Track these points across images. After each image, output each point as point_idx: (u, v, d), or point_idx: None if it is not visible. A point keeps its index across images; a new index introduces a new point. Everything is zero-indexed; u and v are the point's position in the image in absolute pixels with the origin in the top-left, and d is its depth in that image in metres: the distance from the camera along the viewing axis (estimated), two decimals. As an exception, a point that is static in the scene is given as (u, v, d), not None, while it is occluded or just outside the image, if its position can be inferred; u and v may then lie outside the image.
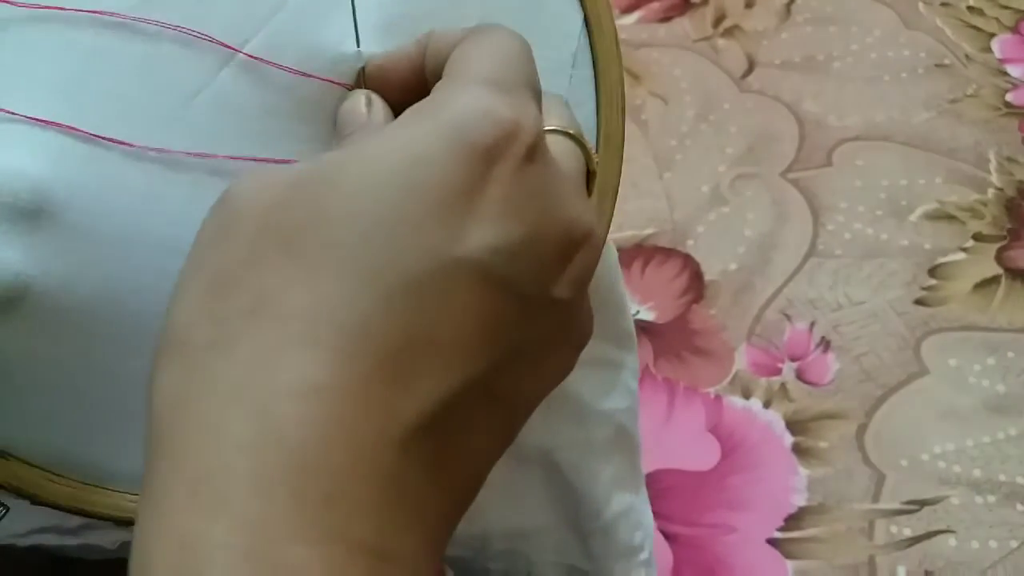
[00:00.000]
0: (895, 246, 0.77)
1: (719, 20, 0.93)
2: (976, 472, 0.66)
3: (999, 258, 0.77)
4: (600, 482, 0.45)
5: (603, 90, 0.40)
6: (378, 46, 0.36)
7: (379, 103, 0.35)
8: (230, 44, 0.35)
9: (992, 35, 0.91)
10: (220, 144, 0.35)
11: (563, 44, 0.39)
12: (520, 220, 0.29)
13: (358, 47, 0.36)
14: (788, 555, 0.63)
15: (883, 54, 0.90)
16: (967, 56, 0.90)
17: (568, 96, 0.37)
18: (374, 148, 0.29)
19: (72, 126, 0.33)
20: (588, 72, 0.40)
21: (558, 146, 0.32)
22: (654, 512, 0.49)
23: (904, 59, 0.90)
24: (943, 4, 0.93)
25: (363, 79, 0.36)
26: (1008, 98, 0.86)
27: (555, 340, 0.31)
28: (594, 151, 0.35)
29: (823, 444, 0.68)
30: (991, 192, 0.80)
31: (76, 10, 0.34)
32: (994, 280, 0.76)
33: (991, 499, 0.65)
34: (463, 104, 0.29)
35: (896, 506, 0.65)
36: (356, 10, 0.36)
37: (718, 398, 0.70)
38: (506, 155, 0.29)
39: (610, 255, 0.43)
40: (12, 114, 0.33)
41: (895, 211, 0.79)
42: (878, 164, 0.82)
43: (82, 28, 0.34)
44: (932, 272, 0.76)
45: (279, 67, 0.35)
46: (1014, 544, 0.63)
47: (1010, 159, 0.82)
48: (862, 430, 0.68)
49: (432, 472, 0.28)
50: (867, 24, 0.92)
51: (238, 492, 0.26)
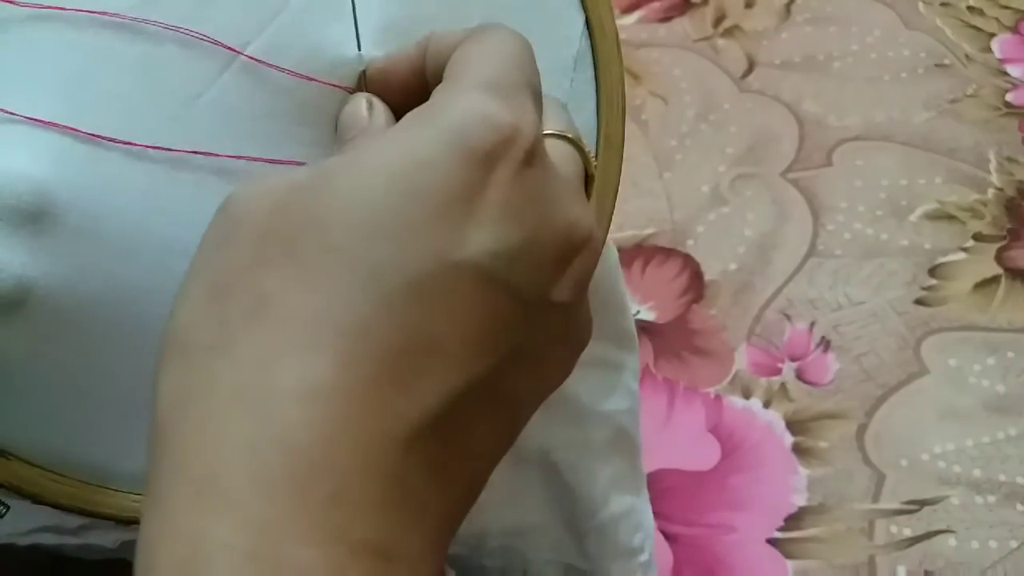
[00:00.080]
0: (895, 246, 0.77)
1: (719, 20, 0.93)
2: (976, 472, 0.66)
3: (999, 258, 0.77)
4: (598, 482, 0.45)
5: (604, 92, 0.40)
6: (379, 49, 0.36)
7: (380, 107, 0.35)
8: (231, 46, 0.35)
9: (992, 35, 0.91)
10: (221, 146, 0.35)
11: (564, 46, 0.39)
12: (519, 224, 0.29)
13: (359, 50, 0.36)
14: (788, 555, 0.63)
15: (883, 54, 0.90)
16: (967, 56, 0.90)
17: (569, 98, 0.37)
18: (375, 153, 0.29)
19: (73, 127, 0.33)
20: (589, 74, 0.40)
21: (557, 150, 0.33)
22: (654, 512, 0.49)
23: (904, 59, 0.90)
24: (943, 4, 0.93)
25: (364, 82, 0.36)
26: (1008, 98, 0.86)
27: (555, 342, 0.31)
28: (593, 154, 0.35)
29: (823, 444, 0.68)
30: (991, 192, 0.80)
31: (77, 10, 0.34)
32: (994, 280, 0.75)
33: (991, 499, 0.65)
34: (462, 109, 0.29)
35: (896, 506, 0.65)
36: (357, 13, 0.36)
37: (718, 398, 0.70)
38: (505, 159, 0.29)
39: (611, 256, 0.43)
40: (13, 115, 0.33)
41: (895, 211, 0.79)
42: (878, 164, 0.82)
43: (83, 28, 0.34)
44: (932, 272, 0.76)
45: (280, 69, 0.35)
46: (1014, 544, 0.63)
47: (1010, 159, 0.82)
48: (862, 430, 0.68)
49: (435, 473, 0.28)
50: (867, 24, 0.92)
51: (242, 492, 0.26)
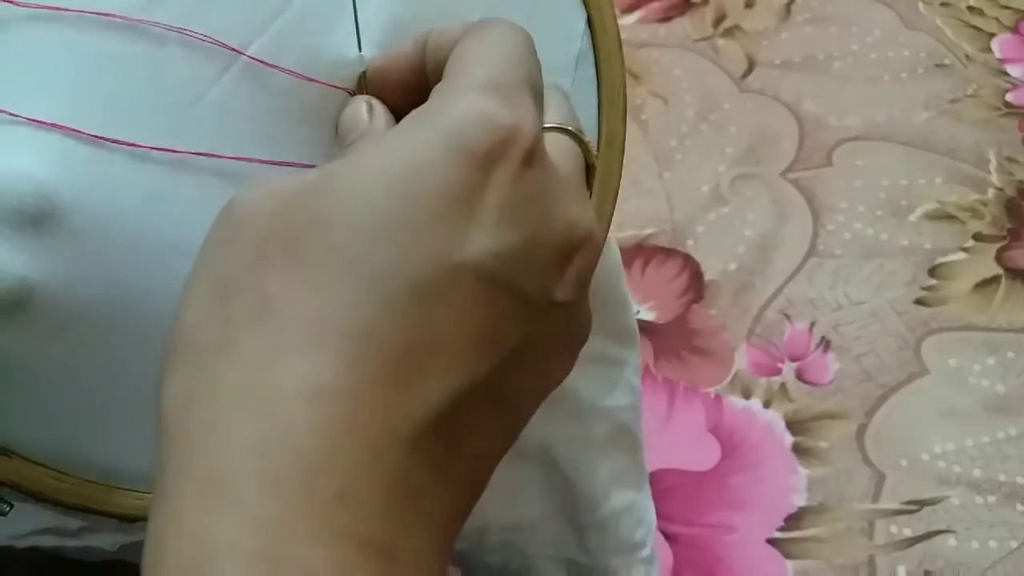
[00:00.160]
0: (895, 246, 0.77)
1: (719, 20, 0.93)
2: (976, 472, 0.66)
3: (999, 258, 0.77)
4: (599, 477, 0.45)
5: (605, 92, 0.40)
6: (380, 49, 0.36)
7: (380, 109, 0.35)
8: (233, 47, 0.35)
9: (992, 35, 0.91)
10: (223, 146, 0.35)
11: (566, 45, 0.39)
12: (520, 224, 0.29)
13: (360, 51, 0.36)
14: (788, 555, 0.63)
15: (883, 54, 0.90)
16: (967, 56, 0.90)
17: (570, 98, 0.37)
18: (376, 155, 0.29)
19: (76, 128, 0.33)
20: (591, 73, 0.40)
21: (557, 144, 0.33)
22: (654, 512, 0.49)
23: (904, 59, 0.90)
24: (943, 4, 0.93)
25: (364, 84, 0.36)
26: (1008, 98, 0.86)
27: (556, 341, 0.31)
28: (594, 147, 0.35)
29: (823, 444, 0.68)
30: (991, 192, 0.80)
31: (79, 11, 0.34)
32: (994, 280, 0.75)
33: (991, 499, 0.65)
34: (461, 110, 0.29)
35: (896, 506, 0.65)
36: (358, 13, 0.36)
37: (718, 398, 0.70)
38: (505, 160, 0.29)
39: (611, 254, 0.43)
40: (15, 116, 0.33)
41: (895, 211, 0.79)
42: (878, 164, 0.82)
43: (85, 29, 0.34)
44: (932, 272, 0.76)
45: (282, 70, 0.35)
46: (1014, 544, 0.63)
47: (1010, 159, 0.82)
48: (862, 430, 0.68)
49: (439, 472, 0.28)
50: (867, 24, 0.92)
51: (248, 492, 0.26)
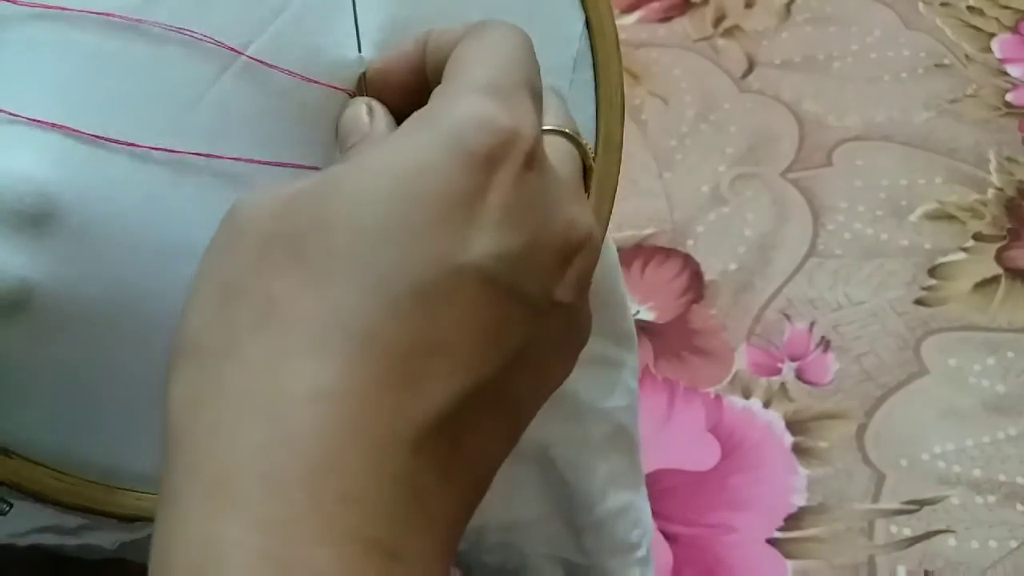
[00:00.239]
0: (895, 246, 0.77)
1: (719, 20, 0.93)
2: (976, 472, 0.66)
3: (999, 258, 0.77)
4: (595, 478, 0.45)
5: (603, 93, 0.40)
6: (380, 50, 0.36)
7: (380, 111, 0.35)
8: (232, 46, 0.35)
9: (992, 35, 0.91)
10: (222, 146, 0.35)
11: (564, 47, 0.39)
12: (521, 227, 0.29)
13: (359, 52, 0.36)
14: (788, 555, 0.63)
15: (883, 54, 0.90)
16: (967, 56, 0.90)
17: (568, 99, 0.37)
18: (377, 158, 0.29)
19: (77, 128, 0.33)
20: (589, 75, 0.40)
21: (555, 146, 0.33)
22: (654, 512, 0.49)
23: (904, 59, 0.90)
24: (943, 4, 0.93)
25: (364, 85, 0.36)
26: (1008, 98, 0.86)
27: (557, 342, 0.31)
28: (591, 148, 0.35)
29: (823, 444, 0.68)
30: (991, 192, 0.80)
31: (79, 10, 0.34)
32: (994, 280, 0.75)
33: (991, 499, 0.65)
34: (461, 112, 0.29)
35: (896, 506, 0.65)
36: (357, 13, 0.36)
37: (718, 398, 0.70)
38: (505, 163, 0.29)
39: (610, 255, 0.43)
40: (15, 116, 0.33)
41: (895, 211, 0.79)
42: (878, 164, 0.82)
43: (85, 29, 0.34)
44: (932, 272, 0.76)
45: (282, 70, 0.35)
46: (1014, 544, 0.63)
47: (1010, 159, 0.82)
48: (862, 430, 0.68)
49: (443, 473, 0.28)
50: (867, 24, 0.92)
51: (254, 493, 0.26)
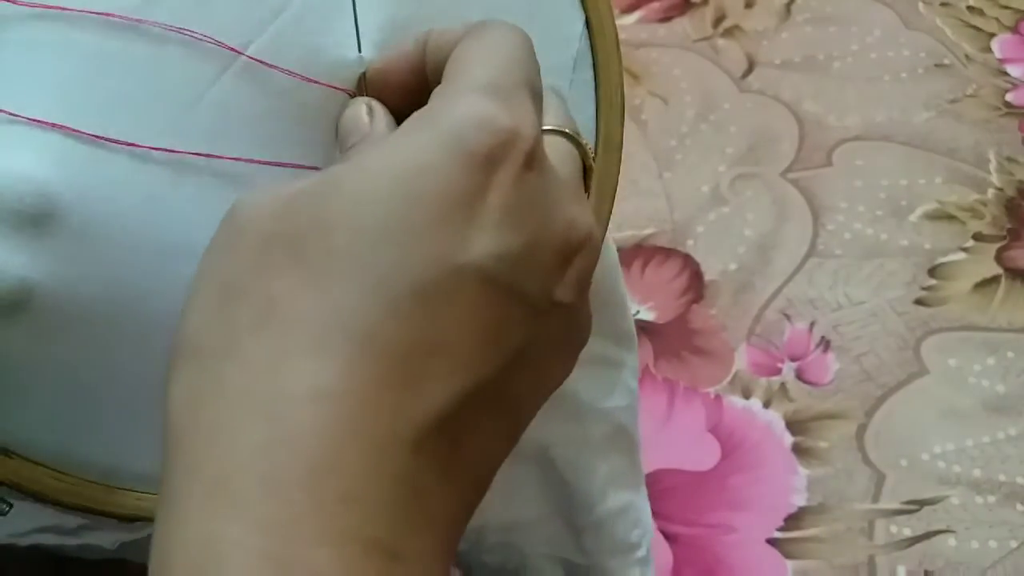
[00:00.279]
0: (895, 246, 0.77)
1: (719, 20, 0.93)
2: (976, 472, 0.66)
3: (999, 258, 0.77)
4: (595, 478, 0.45)
5: (603, 94, 0.40)
6: (378, 50, 0.36)
7: (380, 111, 0.35)
8: (232, 46, 0.35)
9: (992, 35, 0.91)
10: (222, 147, 0.35)
11: (564, 47, 0.39)
12: (521, 227, 0.29)
13: (359, 52, 0.36)
14: (788, 555, 0.63)
15: (883, 54, 0.90)
16: (967, 56, 0.90)
17: (568, 99, 0.37)
18: (377, 158, 0.29)
19: (77, 128, 0.33)
20: (589, 75, 0.40)
21: (555, 146, 0.33)
22: (654, 512, 0.49)
23: (904, 59, 0.90)
24: (943, 4, 0.93)
25: (364, 85, 0.36)
26: (1008, 98, 0.86)
27: (558, 341, 0.31)
28: (591, 148, 0.35)
29: (823, 444, 0.68)
30: (991, 192, 0.80)
31: (79, 10, 0.34)
32: (994, 280, 0.76)
33: (991, 499, 0.65)
34: (461, 112, 0.29)
35: (896, 506, 0.65)
36: (358, 13, 0.36)
37: (718, 398, 0.70)
38: (505, 163, 0.29)
39: (610, 255, 0.43)
40: (15, 116, 0.33)
41: (895, 211, 0.79)
42: (878, 164, 0.82)
43: (85, 29, 0.34)
44: (932, 272, 0.76)
45: (282, 70, 0.35)
46: (1014, 544, 0.63)
47: (1010, 159, 0.82)
48: (862, 430, 0.68)
49: (443, 473, 0.28)
50: (867, 24, 0.92)
51: (254, 493, 0.26)
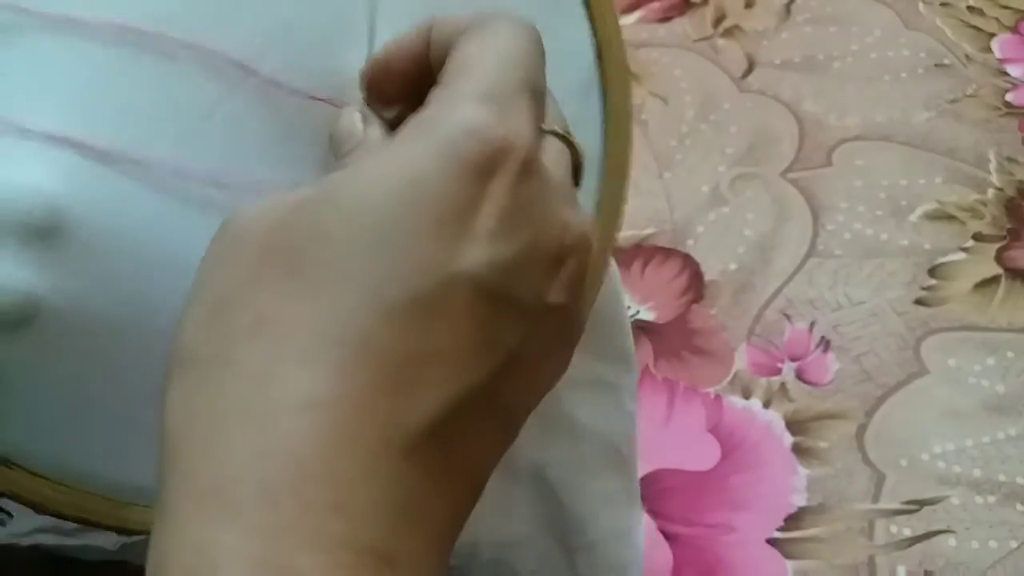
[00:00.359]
0: (895, 246, 0.77)
1: (719, 20, 0.93)
2: (976, 472, 0.66)
3: (999, 258, 0.77)
4: (589, 500, 0.45)
5: (611, 116, 0.40)
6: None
7: (374, 119, 0.35)
8: (245, 64, 0.35)
9: (992, 35, 0.91)
10: (233, 163, 0.35)
11: (573, 68, 0.39)
12: (514, 235, 0.29)
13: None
14: (788, 555, 0.64)
15: (883, 54, 0.90)
16: (967, 56, 0.90)
17: (575, 121, 0.37)
18: (371, 167, 0.29)
19: (88, 142, 0.33)
20: (596, 97, 0.40)
21: (547, 147, 0.33)
22: (654, 512, 0.50)
23: (904, 59, 0.90)
24: (943, 4, 0.93)
25: (368, 73, 0.36)
26: (1008, 98, 0.86)
27: (551, 343, 0.31)
28: (580, 145, 0.34)
29: (823, 444, 0.68)
30: (991, 192, 0.80)
31: (93, 22, 0.34)
32: (994, 280, 0.76)
33: (991, 499, 0.65)
34: (456, 122, 0.29)
35: (896, 506, 0.65)
36: (372, 33, 0.36)
37: (718, 398, 0.70)
38: (500, 173, 0.29)
39: (613, 278, 0.43)
40: (26, 129, 0.33)
41: (895, 211, 0.79)
42: (878, 164, 0.82)
43: (97, 41, 0.34)
44: (932, 272, 0.76)
45: (292, 89, 0.35)
46: (1014, 544, 0.63)
47: (1010, 159, 0.82)
48: (862, 430, 0.68)
49: (436, 479, 0.28)
50: (867, 24, 0.92)
51: (248, 501, 0.26)
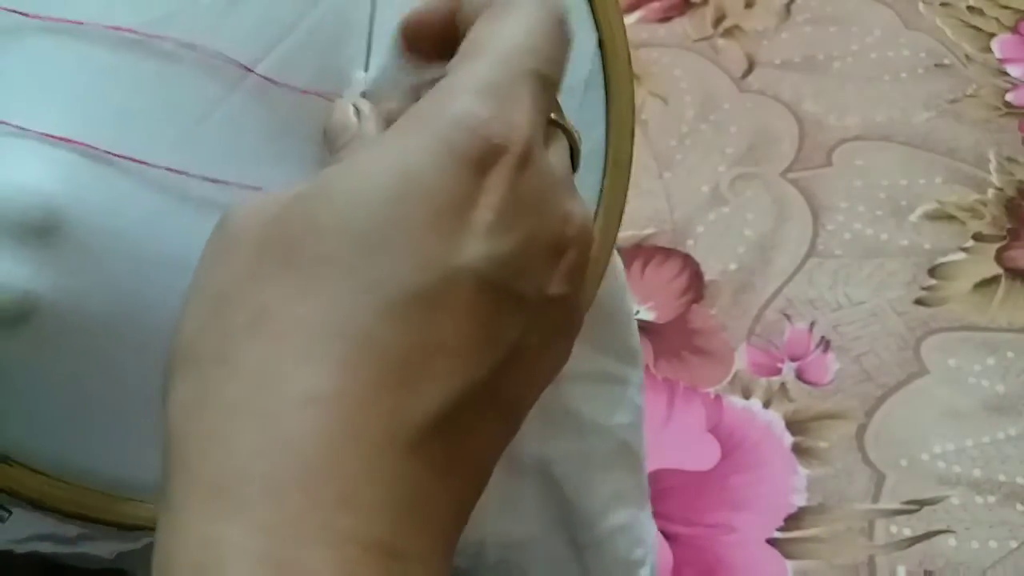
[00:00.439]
0: (895, 246, 0.77)
1: (719, 20, 0.93)
2: (976, 472, 0.66)
3: (999, 258, 0.77)
4: (597, 496, 0.45)
5: (614, 113, 0.40)
6: (389, 70, 0.36)
7: (368, 112, 0.35)
8: (243, 64, 0.35)
9: (992, 35, 0.91)
10: (232, 163, 0.35)
11: (576, 64, 0.39)
12: (514, 228, 0.29)
13: (365, 71, 0.36)
14: (788, 555, 0.64)
15: (883, 54, 0.90)
16: (967, 56, 0.90)
17: (578, 117, 0.37)
18: (368, 161, 0.29)
19: (86, 142, 0.33)
20: (600, 94, 0.40)
21: (551, 136, 0.32)
22: (654, 512, 0.49)
23: (904, 59, 0.90)
24: (943, 4, 0.93)
25: (403, 29, 0.36)
26: (1008, 98, 0.86)
27: (552, 334, 0.31)
28: (575, 130, 0.34)
29: (823, 444, 0.68)
30: (991, 192, 0.80)
31: (91, 24, 0.34)
32: (994, 280, 0.76)
33: (991, 499, 0.65)
34: (453, 116, 0.29)
35: (896, 506, 0.65)
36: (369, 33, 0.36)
37: (718, 398, 0.70)
38: (498, 167, 0.29)
39: (617, 274, 0.43)
40: (24, 130, 0.33)
41: (895, 211, 0.79)
42: (878, 164, 0.82)
43: (95, 43, 0.34)
44: (932, 272, 0.76)
45: (291, 87, 0.35)
46: (1014, 544, 0.63)
47: (1010, 159, 0.82)
48: (862, 430, 0.68)
49: (440, 473, 0.28)
50: (867, 24, 0.92)
51: (252, 497, 0.26)
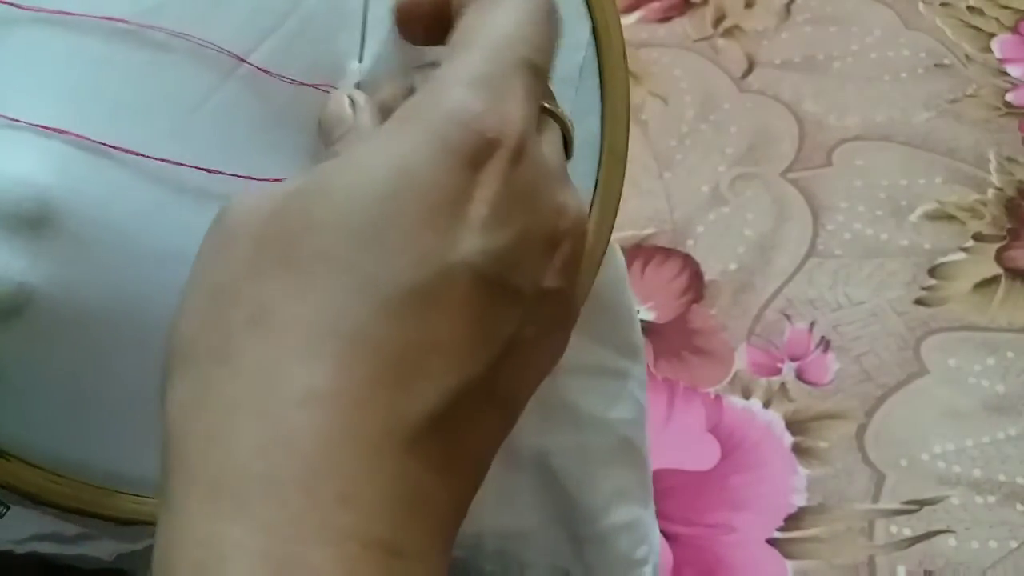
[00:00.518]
0: (895, 246, 0.77)
1: (719, 20, 0.93)
2: (976, 472, 0.66)
3: (999, 258, 0.77)
4: (598, 490, 0.45)
5: (608, 103, 0.40)
6: (384, 60, 0.36)
7: (363, 103, 0.35)
8: (235, 53, 0.35)
9: (992, 35, 0.91)
10: (225, 154, 0.35)
11: (570, 54, 0.39)
12: (509, 222, 0.29)
13: (360, 61, 0.36)
14: (788, 555, 0.63)
15: (883, 54, 0.90)
16: (967, 56, 0.90)
17: (573, 107, 0.37)
18: (360, 156, 0.29)
19: (79, 133, 0.33)
20: (594, 83, 0.40)
21: (544, 126, 0.32)
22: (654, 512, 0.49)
23: (904, 59, 0.90)
24: (943, 4, 0.93)
25: (396, 11, 0.35)
26: (1008, 98, 0.86)
27: (548, 327, 0.31)
28: (568, 120, 0.34)
29: (823, 444, 0.68)
30: (991, 192, 0.80)
31: (82, 15, 0.34)
32: (994, 280, 0.75)
33: (991, 499, 0.65)
34: (446, 110, 0.29)
35: (896, 506, 0.65)
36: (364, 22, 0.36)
37: (718, 398, 0.70)
38: (492, 161, 0.29)
39: (617, 267, 0.43)
40: (17, 121, 0.33)
41: (895, 211, 0.79)
42: (878, 164, 0.82)
43: (88, 34, 0.34)
44: (932, 272, 0.76)
45: (283, 78, 0.35)
46: (1014, 544, 0.63)
47: (1010, 159, 0.82)
48: (862, 430, 0.68)
49: (438, 469, 0.28)
50: (867, 24, 0.92)
51: (253, 495, 0.26)
